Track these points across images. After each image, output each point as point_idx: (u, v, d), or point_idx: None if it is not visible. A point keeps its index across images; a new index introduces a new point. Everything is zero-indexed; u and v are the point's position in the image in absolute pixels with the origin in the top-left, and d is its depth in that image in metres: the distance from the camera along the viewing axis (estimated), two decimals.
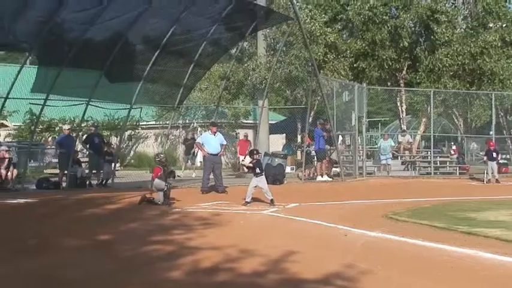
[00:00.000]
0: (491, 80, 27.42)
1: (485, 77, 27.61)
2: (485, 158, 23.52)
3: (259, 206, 14.10)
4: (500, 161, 25.27)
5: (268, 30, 27.23)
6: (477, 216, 12.01)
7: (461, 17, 29.34)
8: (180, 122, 34.92)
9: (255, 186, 14.38)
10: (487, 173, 22.74)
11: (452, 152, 32.31)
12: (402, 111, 29.84)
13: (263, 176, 14.54)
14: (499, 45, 27.31)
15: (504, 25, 28.63)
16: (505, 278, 6.83)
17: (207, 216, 12.46)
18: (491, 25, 28.55)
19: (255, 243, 8.98)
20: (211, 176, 17.74)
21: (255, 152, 15.39)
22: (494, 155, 23.00)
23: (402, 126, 30.05)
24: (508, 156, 30.92)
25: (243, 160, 22.61)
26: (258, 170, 14.46)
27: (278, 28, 27.36)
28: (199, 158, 25.69)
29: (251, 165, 14.69)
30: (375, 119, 50.79)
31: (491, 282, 6.64)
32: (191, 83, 22.86)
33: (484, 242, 8.85)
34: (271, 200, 14.17)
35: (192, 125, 35.88)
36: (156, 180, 14.54)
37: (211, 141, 17.91)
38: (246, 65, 29.43)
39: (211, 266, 7.44)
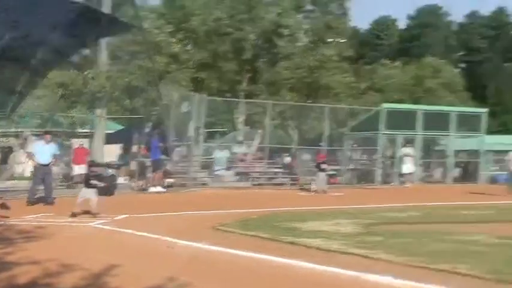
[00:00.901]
0: (327, 93, 28.73)
1: (322, 90, 28.88)
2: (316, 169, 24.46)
3: (86, 218, 13.73)
4: (330, 172, 26.34)
5: (111, 38, 26.67)
6: (302, 226, 12.38)
7: (303, 31, 30.37)
8: (12, 130, 33.10)
9: (84, 198, 14.01)
10: (314, 183, 23.67)
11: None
12: (239, 122, 30.42)
13: (95, 189, 14.25)
14: (336, 59, 28.66)
15: (342, 40, 30.15)
16: (314, 285, 7.26)
17: (30, 229, 11.90)
18: (330, 40, 29.89)
19: (77, 257, 8.76)
20: (41, 187, 17.09)
21: (92, 163, 15.12)
22: (323, 166, 24.00)
23: (239, 137, 30.62)
24: (337, 167, 32.41)
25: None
26: (93, 182, 14.16)
27: (122, 37, 26.87)
28: (29, 168, 24.48)
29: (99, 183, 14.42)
30: (213, 130, 51.27)
31: None
32: (26, 91, 21.85)
33: (305, 252, 9.26)
34: (95, 213, 13.75)
35: (25, 133, 34.16)
36: None
37: (43, 151, 17.27)
38: (86, 72, 28.59)
39: (28, 282, 7.20)
